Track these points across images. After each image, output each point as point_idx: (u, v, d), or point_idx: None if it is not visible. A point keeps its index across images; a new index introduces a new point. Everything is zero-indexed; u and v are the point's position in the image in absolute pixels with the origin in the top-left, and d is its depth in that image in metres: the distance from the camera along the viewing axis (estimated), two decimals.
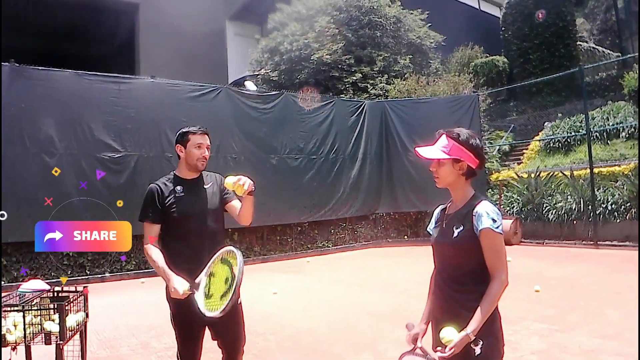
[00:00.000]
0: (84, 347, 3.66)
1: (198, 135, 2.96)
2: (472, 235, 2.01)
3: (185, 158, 2.97)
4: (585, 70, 11.06)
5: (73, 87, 8.18)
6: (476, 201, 2.07)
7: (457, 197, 2.16)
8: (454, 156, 2.09)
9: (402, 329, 5.04)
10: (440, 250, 2.17)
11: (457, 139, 2.09)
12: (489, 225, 1.97)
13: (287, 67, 17.45)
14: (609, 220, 9.58)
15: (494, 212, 2.01)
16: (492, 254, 1.99)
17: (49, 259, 8.06)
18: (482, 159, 2.12)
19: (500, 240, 2.00)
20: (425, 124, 11.61)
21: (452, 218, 2.13)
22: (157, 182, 3.02)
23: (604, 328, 4.72)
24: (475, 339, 1.95)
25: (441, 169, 2.13)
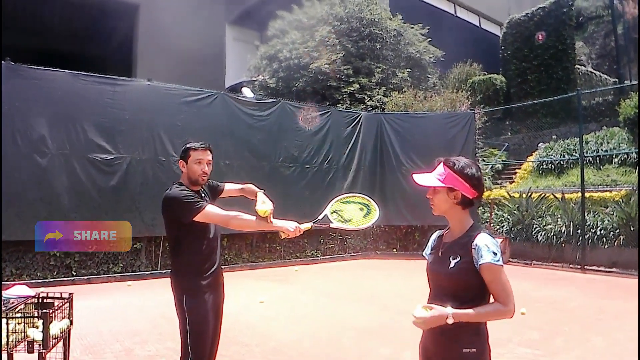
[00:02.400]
0: (67, 354, 3.63)
1: (199, 152, 3.05)
2: (470, 267, 2.02)
3: (187, 173, 3.06)
4: (582, 95, 11.17)
5: (68, 87, 8.14)
6: (474, 232, 2.07)
7: (454, 225, 2.17)
8: (448, 184, 2.10)
9: (388, 346, 5.08)
10: (435, 280, 2.18)
11: (452, 168, 2.11)
12: (490, 260, 1.98)
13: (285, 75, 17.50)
14: (597, 245, 9.64)
15: (493, 245, 2.02)
16: (497, 286, 2.01)
17: (35, 259, 7.98)
18: (478, 189, 2.12)
19: (502, 273, 2.02)
20: (421, 138, 11.71)
21: (448, 247, 2.13)
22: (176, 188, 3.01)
23: (587, 355, 4.74)
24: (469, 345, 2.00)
25: (436, 197, 2.15)
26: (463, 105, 14.10)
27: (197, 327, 2.93)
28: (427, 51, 18.56)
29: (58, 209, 8.00)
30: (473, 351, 2.00)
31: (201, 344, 2.94)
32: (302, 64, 16.63)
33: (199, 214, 2.86)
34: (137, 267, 8.90)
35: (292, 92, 16.68)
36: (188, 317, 2.94)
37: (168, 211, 2.97)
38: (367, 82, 16.46)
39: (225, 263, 9.48)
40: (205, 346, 2.97)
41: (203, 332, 2.95)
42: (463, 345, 2.00)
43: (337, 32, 16.92)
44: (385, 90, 16.26)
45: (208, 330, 2.98)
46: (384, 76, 16.74)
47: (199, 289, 2.97)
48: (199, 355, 2.93)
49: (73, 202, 8.14)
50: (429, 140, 11.45)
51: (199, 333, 2.93)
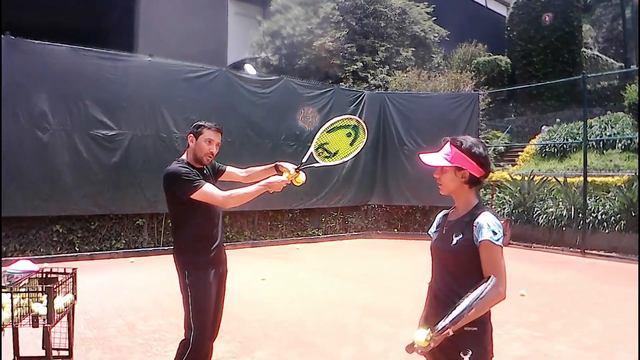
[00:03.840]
0: (72, 328, 3.67)
1: (212, 131, 3.07)
2: (470, 245, 2.01)
3: (194, 149, 3.08)
4: (587, 78, 11.04)
5: (69, 62, 8.04)
6: (478, 211, 2.06)
7: (460, 204, 2.16)
8: (455, 164, 2.08)
9: (387, 324, 5.13)
10: (437, 257, 2.17)
11: (459, 147, 2.08)
12: (489, 238, 1.96)
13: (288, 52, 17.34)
14: (598, 229, 9.66)
15: (495, 225, 1.99)
16: (491, 265, 1.98)
17: (38, 235, 8.01)
18: (485, 168, 2.10)
19: (499, 253, 1.99)
20: (424, 119, 11.63)
21: (452, 225, 2.13)
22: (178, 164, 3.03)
23: (585, 338, 4.78)
24: (465, 347, 1.96)
25: (444, 176, 2.12)
26: (467, 86, 13.98)
27: (199, 302, 2.95)
28: (432, 30, 18.34)
29: (60, 184, 8.01)
30: (474, 329, 2.00)
31: (204, 319, 2.97)
32: (306, 41, 16.46)
33: (197, 192, 2.88)
34: (139, 243, 8.94)
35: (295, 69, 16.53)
36: (190, 293, 2.96)
37: (168, 187, 2.99)
38: (371, 60, 16.31)
39: (227, 240, 9.53)
40: (208, 321, 3.00)
41: (205, 307, 2.98)
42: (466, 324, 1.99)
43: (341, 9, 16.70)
44: (389, 69, 16.12)
45: (210, 306, 3.01)
46: (388, 55, 16.58)
47: (201, 265, 3.00)
48: (202, 330, 2.95)
49: (75, 178, 8.13)
50: (432, 121, 11.38)
51: (201, 308, 2.95)
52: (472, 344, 1.97)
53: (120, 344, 4.46)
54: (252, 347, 4.44)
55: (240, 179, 3.36)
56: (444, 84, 13.88)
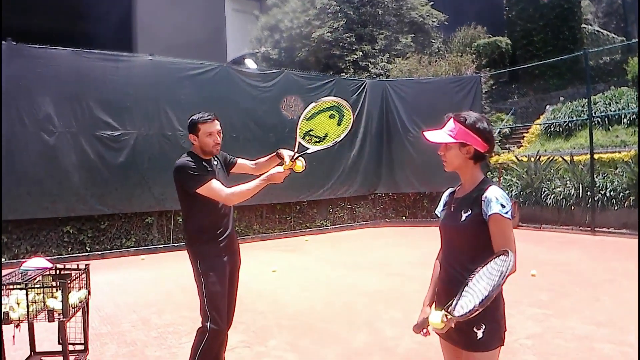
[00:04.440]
0: (86, 323, 3.72)
1: (208, 124, 3.08)
2: (480, 220, 2.01)
3: (200, 146, 3.11)
4: (589, 54, 10.93)
5: (71, 65, 8.09)
6: (485, 186, 2.06)
7: (466, 181, 2.16)
8: (460, 140, 2.08)
9: (397, 309, 5.16)
10: (447, 234, 2.17)
11: (463, 123, 2.08)
12: (498, 211, 1.96)
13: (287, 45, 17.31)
14: (607, 207, 9.61)
15: (503, 198, 1.99)
16: (501, 239, 1.98)
17: (49, 236, 8.10)
18: (490, 143, 2.10)
19: (509, 226, 1.99)
20: (427, 104, 11.57)
21: (460, 202, 2.13)
22: (186, 158, 3.08)
23: (597, 315, 4.78)
24: (479, 322, 1.96)
25: (448, 152, 2.12)
26: (468, 69, 13.90)
27: (212, 290, 3.00)
28: (430, 15, 18.22)
29: (68, 186, 8.07)
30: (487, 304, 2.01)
31: (218, 306, 3.01)
32: (304, 33, 16.40)
33: (202, 188, 2.93)
34: (149, 241, 9.00)
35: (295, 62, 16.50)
36: (203, 281, 3.01)
37: (177, 180, 3.05)
38: (370, 49, 16.25)
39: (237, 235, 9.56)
40: (223, 308, 3.04)
41: (219, 294, 3.02)
42: None
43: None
44: (389, 56, 16.05)
45: (224, 293, 3.05)
46: (387, 42, 16.50)
47: (212, 254, 3.05)
48: (218, 317, 3.00)
49: (83, 178, 8.20)
50: (434, 106, 11.29)
51: (215, 296, 3.00)
52: (485, 319, 1.96)
53: (135, 338, 4.52)
54: (265, 336, 4.48)
55: (250, 171, 3.38)
56: (445, 68, 13.81)
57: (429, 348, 4.04)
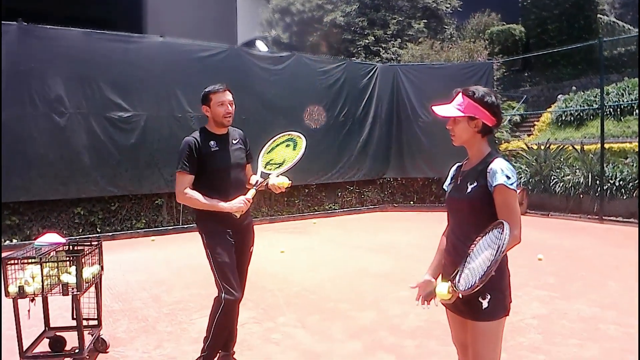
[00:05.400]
0: (100, 298, 3.80)
1: (219, 94, 3.19)
2: (485, 191, 2.03)
3: (212, 117, 3.22)
4: (603, 44, 10.80)
5: (82, 46, 8.08)
6: (491, 158, 2.09)
7: (473, 154, 2.18)
8: (468, 114, 2.10)
9: (405, 289, 5.23)
10: (453, 206, 2.20)
11: (472, 97, 2.10)
12: (503, 182, 1.98)
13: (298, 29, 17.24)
14: (615, 196, 9.56)
15: (508, 169, 2.02)
16: (505, 209, 2.00)
17: (60, 218, 8.17)
18: (498, 117, 2.13)
19: (513, 197, 2.01)
20: (437, 89, 11.36)
21: (467, 175, 2.16)
22: (193, 136, 3.22)
23: (603, 298, 4.81)
24: (484, 292, 1.99)
25: (457, 126, 2.15)
26: (481, 56, 13.78)
27: (220, 261, 3.10)
28: (443, 1, 18.02)
29: (79, 167, 8.14)
30: (492, 274, 2.05)
31: (229, 276, 3.10)
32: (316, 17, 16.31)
33: (177, 173, 3.15)
34: (159, 222, 9.10)
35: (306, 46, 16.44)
36: (211, 254, 3.13)
37: None
38: (382, 34, 16.14)
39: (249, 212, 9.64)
40: (234, 278, 3.13)
41: (228, 265, 3.11)
42: None
43: None
44: (401, 42, 15.93)
45: (232, 264, 3.14)
46: (400, 28, 16.38)
47: (217, 229, 3.15)
48: (230, 287, 3.09)
49: (93, 160, 8.26)
50: (446, 91, 10.98)
51: (223, 267, 3.10)
52: (490, 289, 2.00)
53: (147, 315, 4.62)
54: (274, 313, 4.56)
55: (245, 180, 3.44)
56: (457, 54, 13.69)
57: (434, 325, 4.12)
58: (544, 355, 3.51)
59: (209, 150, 3.16)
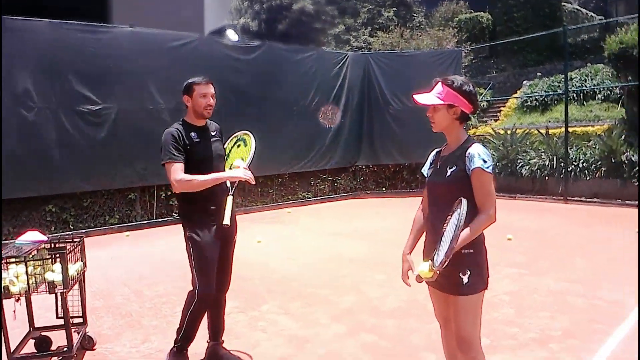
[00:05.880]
0: (84, 295, 3.80)
1: (202, 85, 3.21)
2: (463, 174, 2.19)
3: (193, 107, 3.24)
4: (568, 31, 11.20)
5: (49, 37, 7.84)
6: (469, 144, 2.24)
7: (451, 140, 2.33)
8: (448, 102, 2.24)
9: (382, 273, 5.38)
10: (434, 189, 2.35)
11: (451, 86, 2.24)
12: (480, 165, 2.14)
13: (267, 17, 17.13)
14: (579, 177, 9.99)
15: (485, 154, 2.18)
16: (482, 191, 2.17)
17: (31, 216, 7.97)
18: (474, 104, 2.28)
19: (489, 179, 2.18)
20: (408, 77, 11.65)
21: (446, 159, 2.30)
22: (174, 127, 3.22)
23: (570, 274, 5.10)
24: (464, 268, 2.17)
25: (437, 114, 2.28)
26: (450, 43, 14.02)
27: (199, 255, 3.14)
28: None
29: (49, 163, 7.94)
30: (470, 252, 2.21)
31: (207, 271, 3.14)
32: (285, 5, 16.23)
33: (166, 165, 3.09)
34: (133, 217, 9.01)
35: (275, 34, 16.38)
36: (191, 246, 3.16)
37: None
38: (353, 22, 16.20)
39: None
40: (211, 273, 3.16)
41: (206, 259, 3.15)
42: (462, 247, 2.16)
43: None
44: (371, 30, 16.05)
45: (212, 258, 3.17)
46: (370, 16, 16.48)
47: (199, 220, 3.17)
48: (205, 281, 3.14)
49: (63, 155, 8.07)
50: (416, 79, 11.31)
51: (202, 261, 3.14)
52: (469, 265, 2.19)
53: (130, 310, 4.63)
54: (257, 301, 4.65)
55: None
56: (427, 42, 13.90)
57: (412, 305, 4.31)
58: (517, 327, 3.72)
59: (192, 141, 3.17)
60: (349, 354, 3.46)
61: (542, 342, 3.45)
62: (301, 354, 3.50)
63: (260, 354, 3.51)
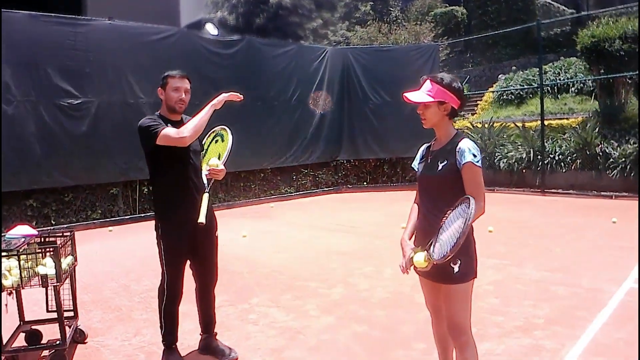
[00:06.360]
0: (74, 289, 3.79)
1: (177, 79, 3.17)
2: (454, 168, 2.27)
3: (165, 100, 3.19)
4: (541, 25, 11.48)
5: (28, 29, 7.70)
6: (458, 139, 2.33)
7: (441, 135, 2.41)
8: (438, 99, 2.31)
9: (369, 265, 5.48)
10: (425, 183, 2.43)
11: (440, 83, 2.32)
12: (470, 160, 2.24)
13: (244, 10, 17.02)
14: (555, 169, 10.27)
15: (474, 149, 2.28)
16: (472, 184, 2.26)
17: (12, 210, 7.84)
18: (463, 100, 2.38)
19: (479, 173, 2.28)
20: (387, 71, 11.80)
21: (437, 154, 2.39)
22: (146, 117, 3.17)
23: (551, 262, 5.28)
24: (455, 258, 2.24)
25: (428, 111, 2.35)
26: (427, 38, 14.19)
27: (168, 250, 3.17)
28: None
29: (29, 157, 7.82)
30: None
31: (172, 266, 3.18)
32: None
33: (159, 137, 2.98)
34: (115, 212, 8.92)
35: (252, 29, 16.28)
36: (162, 241, 3.18)
37: (140, 141, 3.10)
38: (330, 16, 16.24)
39: None
40: (177, 269, 3.20)
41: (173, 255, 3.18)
42: None
43: None
44: (349, 24, 16.11)
45: (181, 253, 3.20)
46: (347, 10, 16.54)
47: (171, 219, 3.18)
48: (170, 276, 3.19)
49: (44, 149, 7.95)
50: (394, 73, 11.57)
51: (168, 257, 3.17)
52: (460, 254, 2.24)
53: (119, 304, 4.62)
54: (247, 295, 4.68)
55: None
56: (404, 36, 14.03)
57: (400, 297, 4.41)
58: (502, 316, 3.85)
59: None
60: (341, 344, 3.53)
61: (527, 330, 3.58)
62: (294, 345, 3.55)
63: (253, 346, 3.56)
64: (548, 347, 3.29)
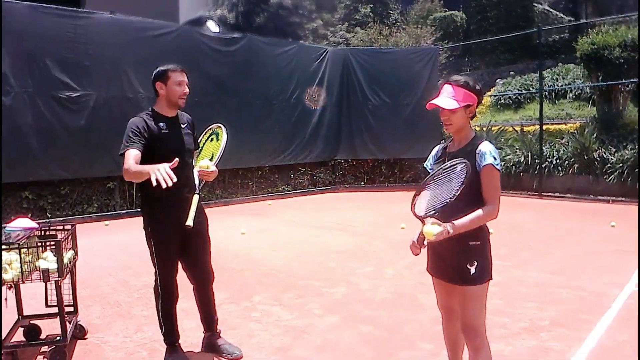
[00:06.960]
0: (75, 285, 3.72)
1: (178, 73, 3.07)
2: (473, 170, 2.25)
3: (167, 95, 3.07)
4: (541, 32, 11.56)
5: (27, 20, 7.61)
6: (478, 141, 2.32)
7: (461, 137, 2.38)
8: (466, 102, 2.30)
9: (370, 265, 5.45)
10: None
11: (465, 87, 2.30)
12: (491, 162, 2.23)
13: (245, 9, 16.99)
14: (553, 173, 10.31)
15: (495, 152, 2.27)
16: (490, 186, 2.26)
17: (7, 202, 7.73)
18: (480, 100, 2.37)
19: (498, 176, 2.27)
20: (387, 73, 11.82)
21: (454, 155, 2.35)
22: (140, 116, 3.08)
23: (551, 265, 5.29)
24: (471, 259, 2.26)
25: (454, 115, 2.31)
26: (427, 41, 14.21)
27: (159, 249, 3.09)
28: None
29: (26, 149, 7.73)
30: (477, 244, 2.31)
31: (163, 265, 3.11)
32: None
33: (124, 154, 2.90)
34: (112, 206, 8.84)
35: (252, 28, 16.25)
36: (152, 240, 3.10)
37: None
38: (330, 17, 16.23)
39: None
40: (169, 268, 3.13)
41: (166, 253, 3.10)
42: (469, 239, 2.28)
43: None
44: (348, 26, 16.11)
45: (171, 251, 3.11)
46: (347, 12, 16.54)
47: (159, 217, 3.08)
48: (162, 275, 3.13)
49: (41, 142, 7.87)
50: (394, 76, 11.61)
51: (161, 255, 3.10)
52: (476, 256, 2.29)
53: (118, 300, 4.56)
54: (248, 293, 4.64)
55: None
56: (405, 39, 14.04)
57: (401, 298, 4.40)
58: (508, 317, 3.84)
59: (160, 132, 3.01)
60: (347, 344, 3.50)
61: (533, 332, 3.57)
62: (299, 344, 3.51)
63: (258, 344, 3.52)
64: (555, 349, 3.28)
